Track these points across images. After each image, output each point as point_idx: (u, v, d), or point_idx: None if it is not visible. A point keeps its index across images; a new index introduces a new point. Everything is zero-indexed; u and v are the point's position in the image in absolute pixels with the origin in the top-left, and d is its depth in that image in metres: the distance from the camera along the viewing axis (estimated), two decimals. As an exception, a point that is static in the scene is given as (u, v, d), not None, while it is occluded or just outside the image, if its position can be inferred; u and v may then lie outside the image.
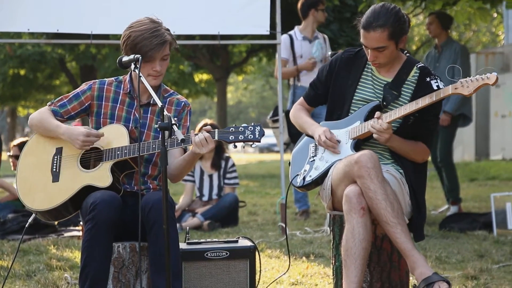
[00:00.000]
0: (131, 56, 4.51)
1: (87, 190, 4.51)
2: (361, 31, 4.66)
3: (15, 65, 26.14)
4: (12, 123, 43.74)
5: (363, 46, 4.72)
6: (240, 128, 4.42)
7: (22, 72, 27.99)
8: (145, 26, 4.60)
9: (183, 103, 4.81)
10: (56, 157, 4.66)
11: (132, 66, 4.51)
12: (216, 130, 4.43)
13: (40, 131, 4.73)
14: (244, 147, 4.49)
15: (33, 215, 4.72)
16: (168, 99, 4.80)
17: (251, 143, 4.41)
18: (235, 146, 4.43)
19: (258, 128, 4.41)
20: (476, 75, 4.39)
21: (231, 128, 4.43)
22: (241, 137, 4.40)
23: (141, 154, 4.50)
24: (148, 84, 4.49)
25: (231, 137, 4.40)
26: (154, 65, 4.61)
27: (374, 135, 4.58)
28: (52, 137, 4.71)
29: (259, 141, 4.41)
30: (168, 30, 4.67)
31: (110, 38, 18.14)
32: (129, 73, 4.75)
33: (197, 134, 4.41)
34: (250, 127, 4.41)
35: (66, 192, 4.55)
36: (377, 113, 4.60)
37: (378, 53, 4.65)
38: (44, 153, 4.70)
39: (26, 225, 4.94)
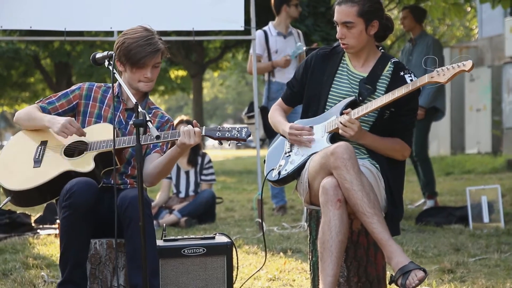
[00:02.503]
0: (105, 53, 4.60)
1: (68, 176, 4.50)
2: (335, 7, 4.74)
3: (-12, 63, 25.97)
4: (-13, 121, 43.42)
5: (335, 26, 4.76)
6: (228, 127, 4.52)
7: (-5, 70, 27.81)
8: (139, 34, 4.69)
9: (167, 118, 4.91)
10: (40, 147, 4.69)
11: (106, 62, 4.55)
12: (204, 126, 4.52)
13: (25, 123, 4.76)
14: (230, 145, 4.55)
15: (8, 198, 4.67)
16: (153, 111, 4.88)
17: (237, 141, 4.50)
18: (221, 143, 4.51)
19: (245, 129, 4.52)
20: (452, 63, 4.43)
21: (218, 127, 4.54)
22: (227, 135, 4.49)
23: (120, 147, 4.54)
24: (140, 89, 4.72)
25: (218, 134, 4.49)
26: (146, 72, 4.70)
27: (340, 131, 4.59)
28: (37, 133, 4.74)
29: (245, 140, 4.52)
30: (161, 39, 4.75)
31: (84, 34, 18.10)
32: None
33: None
34: (237, 127, 4.53)
35: (46, 175, 4.53)
36: (348, 110, 4.63)
37: (346, 30, 4.69)
38: (28, 144, 4.72)
39: (0, 206, 4.90)
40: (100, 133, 4.65)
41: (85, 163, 4.54)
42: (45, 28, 8.39)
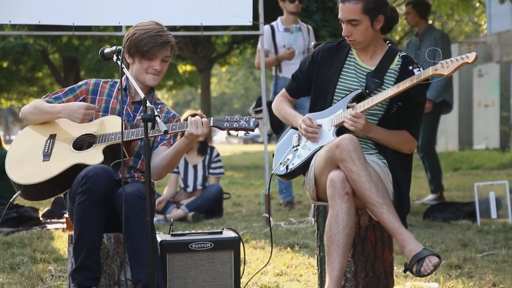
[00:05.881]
0: (113, 48, 4.59)
1: (77, 170, 4.50)
2: (339, 5, 4.72)
3: (-3, 58, 26.00)
4: (-5, 116, 43.50)
5: (341, 23, 4.74)
6: (235, 118, 4.55)
7: (4, 64, 27.82)
8: (150, 26, 4.75)
9: (172, 113, 4.90)
10: (49, 141, 4.69)
11: (114, 57, 4.55)
12: (212, 117, 4.55)
13: (34, 117, 4.75)
14: (237, 135, 4.57)
15: (18, 192, 4.68)
16: (159, 106, 4.89)
17: (245, 131, 4.52)
18: (229, 134, 4.54)
19: (253, 119, 4.55)
20: (456, 56, 4.43)
21: (226, 117, 4.56)
22: (235, 125, 4.52)
23: (128, 139, 4.55)
24: (146, 82, 4.74)
25: (226, 124, 4.53)
26: (155, 64, 4.72)
27: (346, 125, 4.58)
28: (45, 127, 4.75)
29: (253, 130, 4.54)
30: (170, 34, 4.80)
31: (93, 29, 18.10)
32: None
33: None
34: (245, 117, 4.55)
35: (56, 168, 4.53)
36: (353, 103, 4.62)
37: (352, 27, 4.67)
38: (37, 138, 4.72)
39: (11, 200, 4.93)
40: (109, 125, 4.66)
41: (94, 156, 4.54)
42: (53, 23, 8.39)
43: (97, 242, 4.46)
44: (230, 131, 4.54)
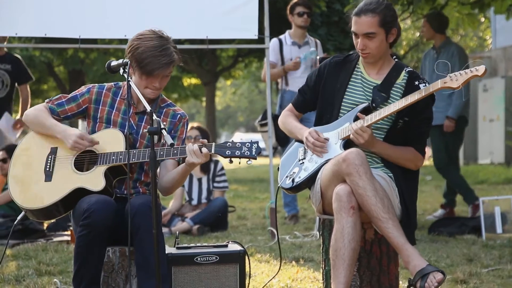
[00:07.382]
0: (120, 61, 4.57)
1: (79, 192, 4.51)
2: (353, 18, 4.71)
3: (3, 70, 26.01)
4: None
5: (353, 36, 4.75)
6: (238, 144, 4.47)
7: (10, 76, 27.86)
8: (154, 42, 4.58)
9: (179, 115, 4.83)
10: (50, 156, 4.67)
11: (121, 70, 4.54)
12: (213, 144, 4.48)
13: (35, 127, 4.75)
14: (240, 163, 4.50)
15: (22, 213, 4.70)
16: (164, 110, 4.82)
17: (247, 159, 4.45)
18: (231, 161, 4.47)
19: (255, 145, 4.47)
20: (464, 69, 4.41)
21: (228, 143, 4.48)
22: (237, 153, 4.45)
23: (132, 162, 4.52)
24: (145, 95, 4.62)
25: (228, 152, 4.45)
26: (155, 82, 4.63)
27: (351, 137, 4.58)
28: (47, 137, 4.72)
29: (255, 158, 4.46)
30: (175, 47, 4.65)
31: (98, 42, 18.14)
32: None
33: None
34: (247, 143, 4.47)
35: (58, 193, 4.54)
36: (360, 115, 4.62)
37: (368, 40, 4.68)
38: (39, 152, 4.71)
39: (15, 222, 4.96)
40: (110, 141, 4.63)
41: (96, 180, 4.53)
42: (59, 35, 8.41)
43: (97, 273, 4.46)
44: (232, 159, 4.48)
